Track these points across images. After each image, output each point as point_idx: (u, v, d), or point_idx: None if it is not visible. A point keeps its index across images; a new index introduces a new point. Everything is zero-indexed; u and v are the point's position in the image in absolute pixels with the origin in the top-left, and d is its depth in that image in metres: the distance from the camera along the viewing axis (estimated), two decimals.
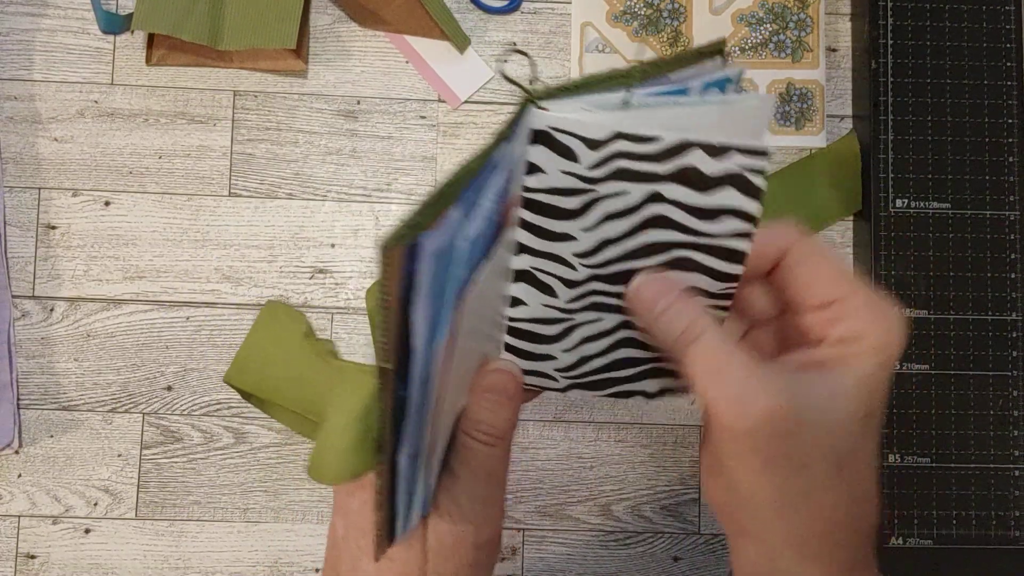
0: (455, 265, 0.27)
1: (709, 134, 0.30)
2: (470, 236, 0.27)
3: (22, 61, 0.54)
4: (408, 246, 0.26)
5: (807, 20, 0.55)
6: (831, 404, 0.29)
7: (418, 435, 0.30)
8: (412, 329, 0.27)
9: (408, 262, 0.26)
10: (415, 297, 0.27)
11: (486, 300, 0.31)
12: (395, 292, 0.26)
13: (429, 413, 0.29)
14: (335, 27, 0.55)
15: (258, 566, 0.52)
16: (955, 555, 0.51)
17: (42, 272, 0.53)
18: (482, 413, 0.33)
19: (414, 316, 0.27)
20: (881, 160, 0.52)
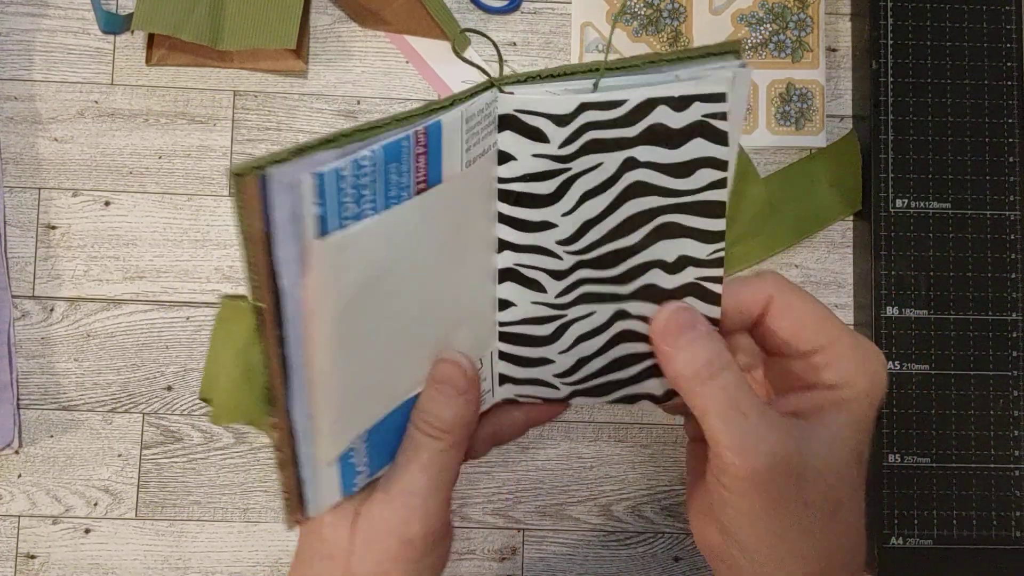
0: (306, 201, 0.26)
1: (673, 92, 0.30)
2: (325, 171, 0.26)
3: (22, 61, 0.54)
4: (260, 177, 0.25)
5: (807, 20, 0.55)
6: (830, 449, 0.30)
7: (303, 392, 0.29)
8: (278, 268, 0.26)
9: (263, 195, 0.25)
10: (275, 233, 0.26)
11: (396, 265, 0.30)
12: (258, 227, 0.26)
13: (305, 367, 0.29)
14: (335, 27, 0.55)
15: (258, 566, 0.52)
16: (955, 555, 0.51)
17: (42, 272, 0.53)
18: (428, 403, 0.32)
19: (277, 254, 0.26)
20: (881, 160, 0.52)
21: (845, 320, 0.54)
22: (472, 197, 0.32)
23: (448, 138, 0.29)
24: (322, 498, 0.32)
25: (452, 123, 0.29)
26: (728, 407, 0.29)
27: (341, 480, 0.32)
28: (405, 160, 0.28)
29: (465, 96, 0.30)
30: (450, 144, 0.30)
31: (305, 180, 0.26)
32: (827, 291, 0.54)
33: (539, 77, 0.31)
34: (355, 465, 0.32)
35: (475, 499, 0.53)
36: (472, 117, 0.30)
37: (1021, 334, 0.52)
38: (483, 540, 0.53)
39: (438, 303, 0.32)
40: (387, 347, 0.31)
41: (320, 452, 0.31)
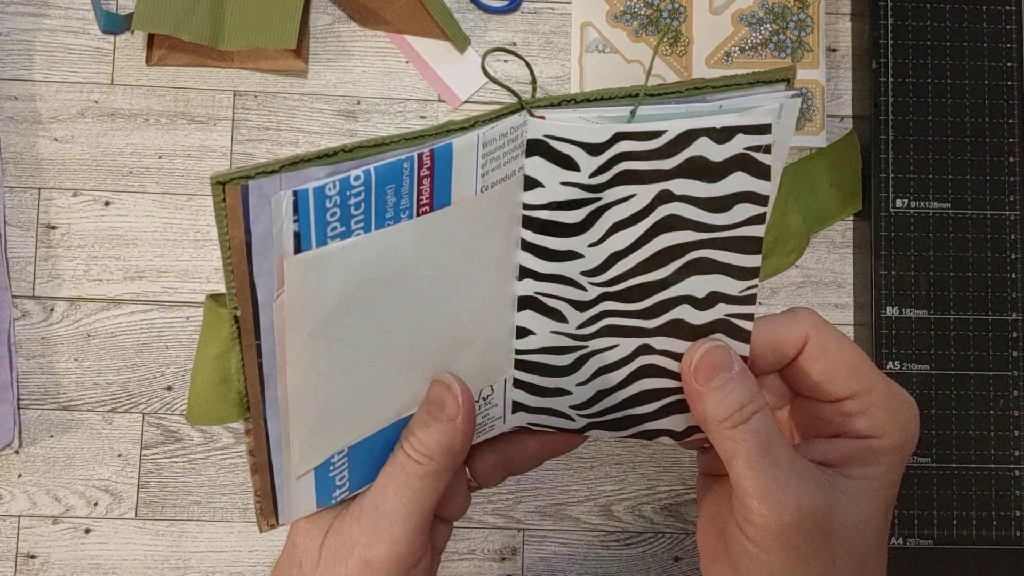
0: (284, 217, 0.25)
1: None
2: (306, 189, 0.25)
3: (22, 61, 0.54)
4: (242, 187, 0.25)
5: (807, 20, 0.55)
6: (858, 503, 0.29)
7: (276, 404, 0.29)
8: (256, 279, 0.26)
9: (245, 206, 0.25)
10: (254, 244, 0.25)
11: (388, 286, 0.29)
12: (238, 237, 0.25)
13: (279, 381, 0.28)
14: (335, 27, 0.55)
15: (258, 566, 0.52)
16: (955, 555, 0.51)
17: (42, 272, 0.53)
18: (416, 424, 0.31)
19: (255, 265, 0.26)
20: (881, 160, 0.52)
21: (845, 320, 0.54)
22: (489, 222, 0.30)
23: (460, 161, 0.28)
24: (294, 507, 0.32)
25: (466, 147, 0.28)
26: (758, 454, 0.28)
27: (316, 492, 0.32)
28: (406, 182, 0.27)
29: (489, 118, 0.28)
30: (462, 167, 0.28)
31: (284, 196, 0.25)
32: (827, 291, 0.54)
33: (574, 101, 0.29)
34: (334, 479, 0.32)
35: (475, 499, 0.53)
36: (492, 141, 0.28)
37: (1021, 334, 0.52)
38: (483, 540, 0.53)
39: (440, 327, 0.31)
40: (375, 367, 0.30)
41: (291, 465, 0.30)
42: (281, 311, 0.27)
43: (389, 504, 0.31)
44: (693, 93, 0.30)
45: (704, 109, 0.30)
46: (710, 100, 0.30)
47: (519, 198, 0.30)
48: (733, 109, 0.29)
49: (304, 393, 0.29)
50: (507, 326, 0.33)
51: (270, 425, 0.29)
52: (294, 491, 0.31)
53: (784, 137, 0.30)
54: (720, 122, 0.29)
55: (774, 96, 0.30)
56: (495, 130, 0.28)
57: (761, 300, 0.54)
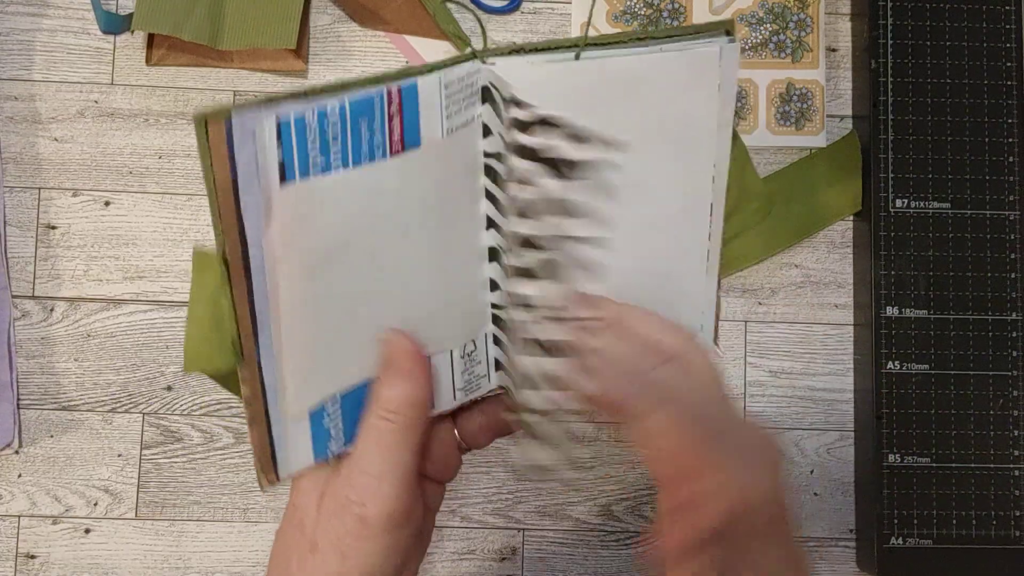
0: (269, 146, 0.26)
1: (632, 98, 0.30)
2: (287, 118, 0.26)
3: (22, 61, 0.54)
4: (225, 123, 0.25)
5: (807, 20, 0.55)
6: None
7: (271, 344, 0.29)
8: (244, 216, 0.26)
9: (230, 141, 0.25)
10: (240, 180, 0.26)
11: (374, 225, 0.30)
12: (224, 175, 0.26)
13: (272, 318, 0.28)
14: (335, 27, 0.55)
15: (258, 566, 0.52)
16: (955, 555, 0.51)
17: (42, 272, 0.53)
18: (376, 385, 0.32)
19: (242, 201, 0.26)
20: (881, 160, 0.52)
21: (845, 320, 0.54)
22: (457, 168, 0.31)
23: (426, 102, 0.29)
24: (293, 459, 0.32)
25: (429, 87, 0.29)
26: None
27: (312, 442, 0.32)
28: (377, 118, 0.28)
29: (445, 64, 0.30)
30: (428, 108, 0.29)
31: (268, 125, 0.26)
32: (827, 291, 0.54)
33: (522, 50, 0.31)
34: (329, 430, 0.32)
35: (475, 499, 0.53)
36: (451, 83, 0.30)
37: (1021, 334, 0.52)
38: (483, 540, 0.53)
39: (422, 275, 0.32)
40: (363, 312, 0.31)
41: (287, 406, 0.31)
42: (272, 244, 0.27)
43: (372, 466, 0.32)
44: (637, 43, 0.31)
45: (639, 50, 0.31)
46: (651, 46, 0.31)
47: (480, 146, 0.31)
48: (672, 49, 0.31)
49: (298, 330, 0.29)
50: (480, 279, 0.34)
51: (265, 371, 0.30)
52: (291, 440, 0.32)
53: (728, 83, 0.31)
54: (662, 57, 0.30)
55: (713, 42, 0.31)
56: (453, 73, 0.30)
57: (761, 300, 0.54)
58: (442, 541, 0.53)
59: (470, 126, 0.31)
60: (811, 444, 0.54)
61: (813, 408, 0.54)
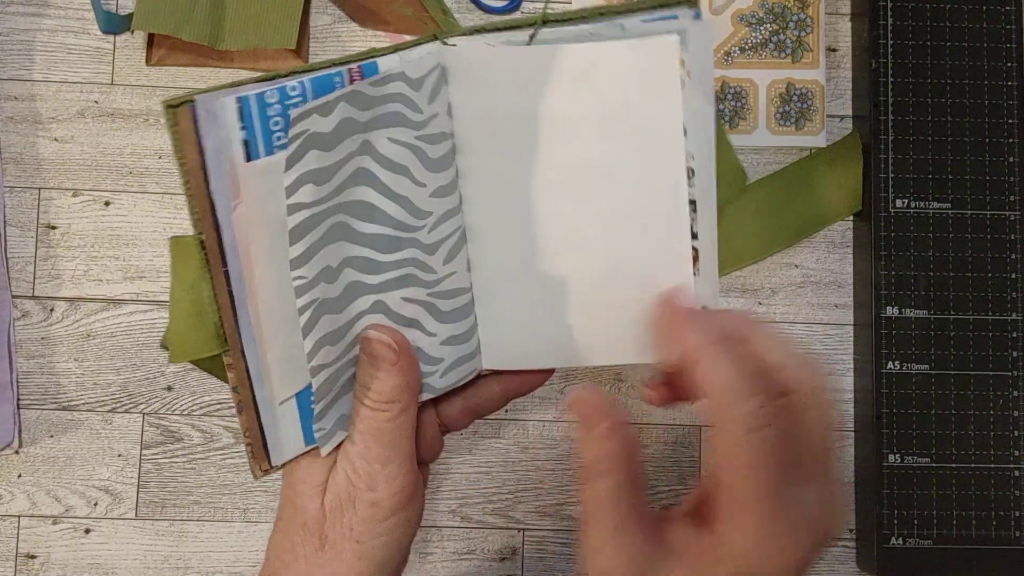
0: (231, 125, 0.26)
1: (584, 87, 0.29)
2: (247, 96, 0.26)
3: (22, 61, 0.54)
4: (191, 107, 0.25)
5: (807, 20, 0.55)
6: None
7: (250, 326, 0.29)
8: (214, 199, 0.27)
9: (195, 125, 0.26)
10: (208, 163, 0.26)
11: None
12: (193, 159, 0.26)
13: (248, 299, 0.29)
14: (335, 27, 0.55)
15: (258, 566, 0.52)
16: (955, 555, 0.51)
17: (42, 272, 0.53)
18: (365, 379, 0.33)
19: (212, 184, 0.26)
20: (881, 160, 0.52)
21: (845, 320, 0.54)
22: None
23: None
24: (284, 445, 0.32)
25: (388, 66, 0.29)
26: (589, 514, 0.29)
27: (302, 427, 0.32)
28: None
29: (406, 45, 0.30)
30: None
31: (228, 105, 0.26)
32: (827, 291, 0.54)
33: (483, 30, 0.31)
34: (314, 411, 0.32)
35: (475, 499, 0.53)
36: (409, 62, 0.30)
37: (1021, 334, 0.52)
38: (483, 540, 0.53)
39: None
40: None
41: (272, 390, 0.31)
42: (241, 223, 0.28)
43: (374, 454, 0.33)
44: (598, 18, 0.30)
45: (604, 28, 0.30)
46: (612, 21, 0.30)
47: (452, 125, 0.32)
48: (620, 36, 0.30)
49: (275, 311, 0.29)
50: (464, 258, 0.34)
51: (248, 355, 0.30)
52: (280, 425, 0.32)
53: (702, 61, 0.29)
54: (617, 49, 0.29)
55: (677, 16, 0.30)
56: (415, 52, 0.30)
57: (761, 300, 0.54)
58: (442, 541, 0.53)
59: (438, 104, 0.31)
60: None
61: None
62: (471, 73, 0.31)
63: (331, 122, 0.28)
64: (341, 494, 0.33)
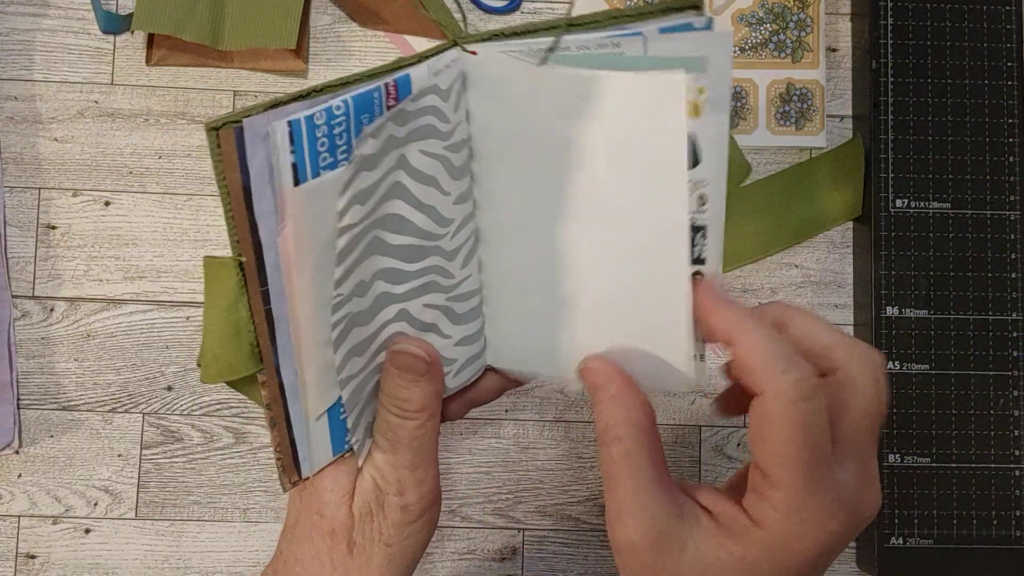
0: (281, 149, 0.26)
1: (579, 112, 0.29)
2: (297, 119, 0.26)
3: (22, 61, 0.54)
4: (236, 129, 0.25)
5: (807, 20, 0.55)
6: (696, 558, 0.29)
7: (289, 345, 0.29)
8: (257, 220, 0.27)
9: (240, 147, 0.25)
10: (253, 184, 0.26)
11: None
12: (236, 180, 0.26)
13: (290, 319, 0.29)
14: (335, 27, 0.55)
15: (258, 566, 0.52)
16: (955, 555, 0.51)
17: (42, 272, 0.53)
18: (394, 388, 0.33)
19: (256, 206, 0.26)
20: (881, 160, 0.52)
21: (845, 320, 0.54)
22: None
23: (415, 92, 0.30)
24: (315, 457, 0.33)
25: (420, 77, 0.29)
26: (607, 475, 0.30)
27: (331, 437, 0.33)
28: (376, 111, 0.28)
29: (431, 53, 0.30)
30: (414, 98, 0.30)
31: (279, 128, 0.26)
32: (827, 291, 0.54)
33: (502, 35, 0.31)
34: (345, 422, 0.33)
35: (475, 499, 0.53)
36: (439, 72, 0.30)
37: (1021, 334, 0.52)
38: (483, 540, 0.53)
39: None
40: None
41: (309, 405, 0.31)
42: (286, 246, 0.28)
43: (403, 459, 0.33)
44: (611, 23, 0.30)
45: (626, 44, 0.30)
46: (629, 28, 0.30)
47: (470, 131, 0.32)
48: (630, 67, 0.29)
49: (313, 327, 0.30)
50: (477, 261, 0.34)
51: (284, 372, 0.30)
52: (312, 438, 0.32)
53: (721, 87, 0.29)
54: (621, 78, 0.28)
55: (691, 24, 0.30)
56: (440, 61, 0.30)
57: (761, 300, 0.54)
58: (442, 541, 0.53)
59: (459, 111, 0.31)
60: None
61: None
62: (489, 82, 0.31)
63: (379, 143, 0.29)
64: (370, 500, 0.34)
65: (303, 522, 0.35)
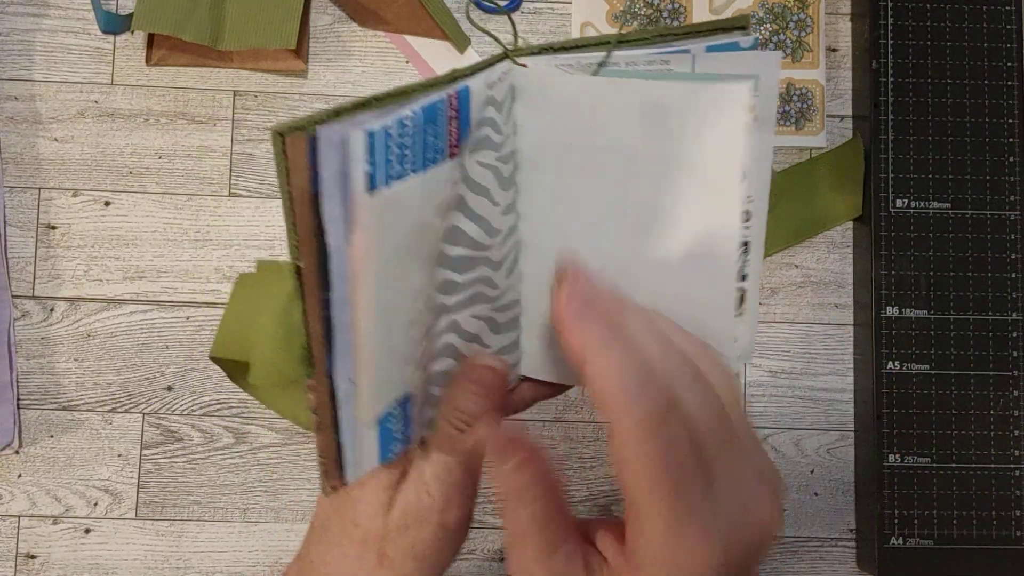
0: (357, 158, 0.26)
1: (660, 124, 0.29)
2: (376, 129, 0.26)
3: (22, 61, 0.54)
4: (309, 137, 0.25)
5: (807, 20, 0.55)
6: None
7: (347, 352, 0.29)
8: (325, 226, 0.27)
9: (312, 154, 0.25)
10: (322, 191, 0.26)
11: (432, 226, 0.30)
12: (303, 186, 0.26)
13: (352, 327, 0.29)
14: (335, 27, 0.55)
15: (258, 566, 0.52)
16: (955, 555, 0.51)
17: (42, 272, 0.53)
18: (461, 400, 0.33)
19: (324, 212, 0.26)
20: (881, 160, 0.52)
21: (845, 320, 0.54)
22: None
23: (474, 104, 0.30)
24: (361, 463, 0.32)
25: (479, 89, 0.30)
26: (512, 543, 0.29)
27: (379, 445, 0.32)
28: (441, 122, 0.29)
29: (483, 65, 0.30)
30: (475, 110, 0.30)
31: (356, 137, 0.26)
32: (827, 291, 0.54)
33: (551, 49, 0.31)
34: (392, 431, 0.32)
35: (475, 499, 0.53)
36: (493, 84, 0.30)
37: (1021, 334, 0.52)
38: (483, 540, 0.53)
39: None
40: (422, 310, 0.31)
41: (361, 412, 0.31)
42: (355, 254, 0.28)
43: (454, 474, 0.33)
44: (659, 40, 0.31)
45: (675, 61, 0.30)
46: (676, 46, 0.31)
47: (518, 143, 0.32)
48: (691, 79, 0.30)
49: (375, 336, 0.30)
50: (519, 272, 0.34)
51: (338, 378, 0.30)
52: (361, 445, 0.32)
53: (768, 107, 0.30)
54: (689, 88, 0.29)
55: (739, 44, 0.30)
56: (494, 73, 0.30)
57: (761, 300, 0.54)
58: None
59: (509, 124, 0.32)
60: (811, 444, 0.54)
61: (813, 408, 0.54)
62: (539, 95, 0.31)
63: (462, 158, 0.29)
64: (409, 514, 0.33)
65: (333, 527, 0.34)
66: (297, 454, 0.53)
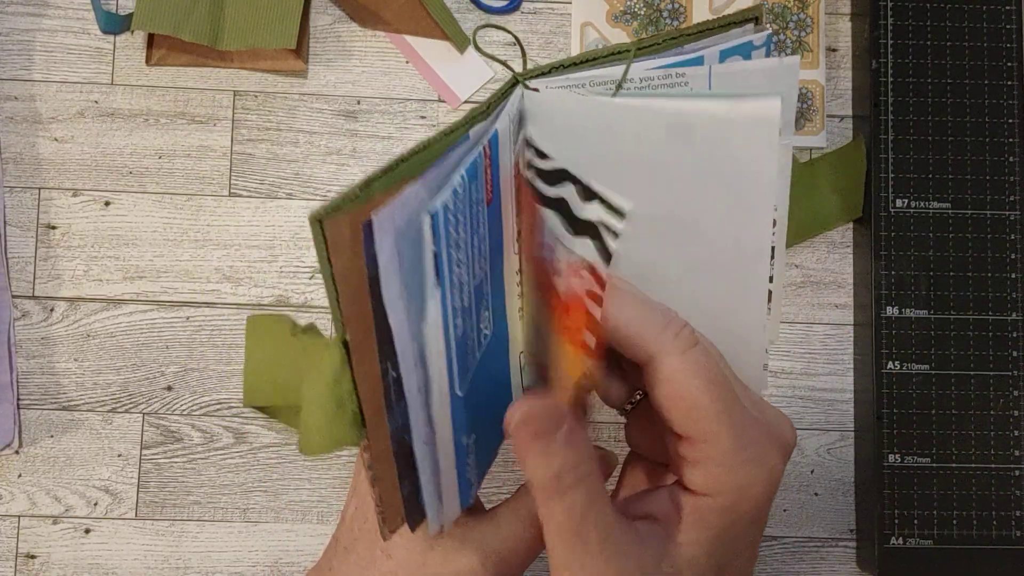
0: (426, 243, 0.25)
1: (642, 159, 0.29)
2: (436, 209, 0.25)
3: (22, 61, 0.54)
4: (364, 224, 0.24)
5: (807, 20, 0.55)
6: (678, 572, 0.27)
7: (430, 420, 0.29)
8: (388, 310, 0.26)
9: (368, 240, 0.24)
10: (384, 277, 0.25)
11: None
12: (349, 266, 0.25)
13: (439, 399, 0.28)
14: (335, 27, 0.55)
15: (258, 566, 0.52)
16: (955, 555, 0.51)
17: (42, 272, 0.53)
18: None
19: (387, 296, 0.26)
20: (881, 160, 0.52)
21: (845, 320, 0.54)
22: None
23: (502, 145, 0.29)
24: (448, 511, 0.32)
25: (504, 130, 0.29)
26: (569, 531, 0.26)
27: (459, 491, 0.32)
28: (480, 176, 0.28)
29: (498, 99, 0.29)
30: (503, 151, 0.29)
31: (425, 221, 0.25)
32: (827, 291, 0.54)
33: (562, 67, 0.30)
34: (469, 480, 0.32)
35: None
36: (513, 118, 0.30)
37: (1021, 334, 0.52)
38: None
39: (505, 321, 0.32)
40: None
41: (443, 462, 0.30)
42: (431, 335, 0.27)
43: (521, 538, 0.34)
44: (671, 44, 0.30)
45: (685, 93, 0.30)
46: (688, 50, 0.30)
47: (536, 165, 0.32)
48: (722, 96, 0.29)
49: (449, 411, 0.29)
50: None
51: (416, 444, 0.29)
52: (446, 492, 0.31)
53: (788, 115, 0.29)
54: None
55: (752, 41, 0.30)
56: (512, 106, 0.29)
57: None
58: None
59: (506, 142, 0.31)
60: (811, 444, 0.54)
61: (813, 408, 0.54)
62: (554, 118, 0.30)
63: None
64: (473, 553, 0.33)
65: (361, 551, 0.34)
66: (297, 454, 0.53)
